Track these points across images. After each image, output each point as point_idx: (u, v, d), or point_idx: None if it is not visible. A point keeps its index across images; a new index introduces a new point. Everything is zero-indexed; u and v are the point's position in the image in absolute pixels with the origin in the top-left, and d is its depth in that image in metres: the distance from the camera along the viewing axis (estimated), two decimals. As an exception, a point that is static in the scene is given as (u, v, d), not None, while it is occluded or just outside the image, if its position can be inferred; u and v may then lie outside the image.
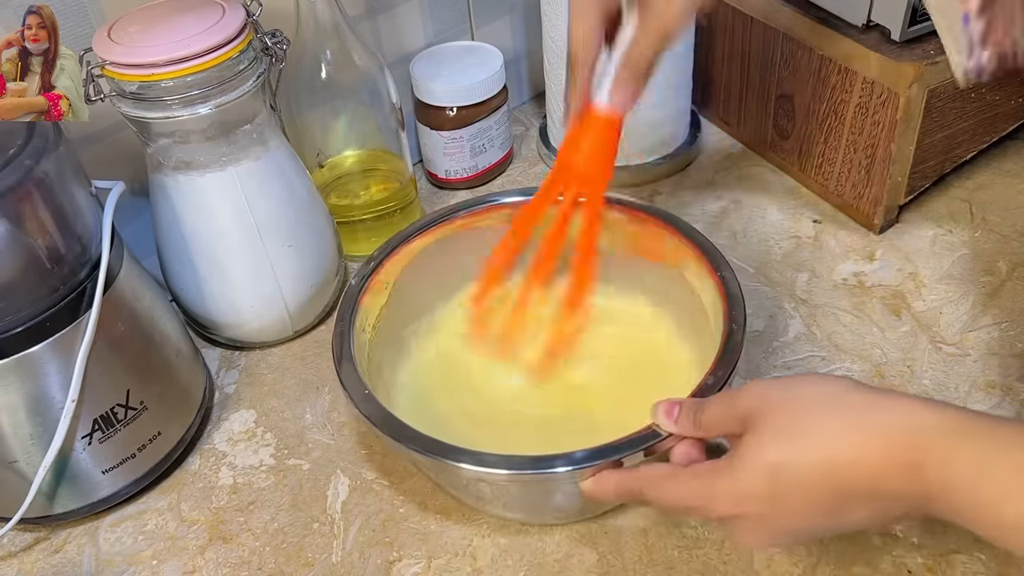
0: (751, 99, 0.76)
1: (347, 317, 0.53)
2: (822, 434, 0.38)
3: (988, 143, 0.71)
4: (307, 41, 0.62)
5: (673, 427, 0.43)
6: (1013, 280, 0.64)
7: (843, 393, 0.39)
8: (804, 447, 0.38)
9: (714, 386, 0.46)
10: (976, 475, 0.34)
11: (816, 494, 0.37)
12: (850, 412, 0.38)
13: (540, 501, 0.50)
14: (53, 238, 0.48)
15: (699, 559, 0.50)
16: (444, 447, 0.45)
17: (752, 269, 0.68)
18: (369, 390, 0.49)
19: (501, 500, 0.50)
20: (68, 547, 0.54)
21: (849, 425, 0.37)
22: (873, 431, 0.36)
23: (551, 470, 0.44)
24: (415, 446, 0.45)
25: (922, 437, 0.35)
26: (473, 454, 0.44)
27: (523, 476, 0.44)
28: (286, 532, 0.54)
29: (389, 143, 0.70)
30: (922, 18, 0.61)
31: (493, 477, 0.44)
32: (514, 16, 0.82)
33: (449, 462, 0.44)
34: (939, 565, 0.48)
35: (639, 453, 0.44)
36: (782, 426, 0.39)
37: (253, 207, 0.58)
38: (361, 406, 0.48)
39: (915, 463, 0.35)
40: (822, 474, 0.37)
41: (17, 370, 0.48)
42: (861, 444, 0.36)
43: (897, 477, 0.35)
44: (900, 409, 0.37)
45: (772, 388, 0.41)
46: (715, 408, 0.43)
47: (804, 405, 0.39)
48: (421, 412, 0.56)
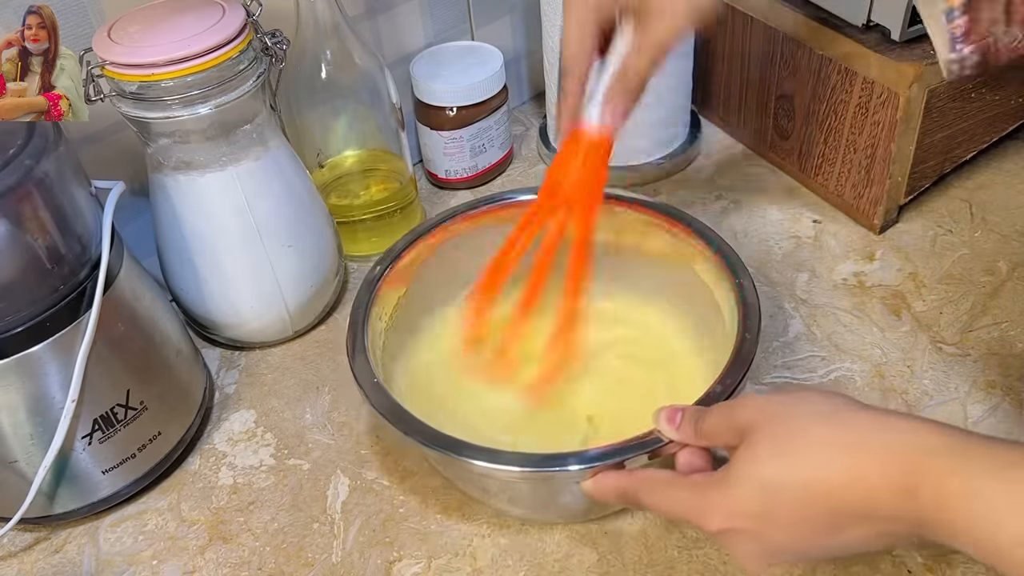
0: (751, 99, 0.76)
1: (363, 307, 0.53)
2: (818, 451, 0.37)
3: (988, 143, 0.71)
4: (307, 41, 0.62)
5: (674, 433, 0.43)
6: (1013, 280, 0.64)
7: (842, 411, 0.38)
8: (798, 463, 0.37)
9: (722, 394, 0.45)
10: (969, 496, 0.33)
11: (809, 512, 0.37)
12: (847, 431, 0.37)
13: (547, 499, 0.50)
14: (53, 238, 0.47)
15: (699, 559, 0.50)
16: (456, 443, 0.45)
17: (752, 269, 0.67)
18: (379, 379, 0.49)
19: (507, 494, 0.50)
20: (68, 547, 0.54)
21: (845, 444, 0.37)
22: (869, 451, 0.36)
23: (563, 468, 0.44)
24: (425, 440, 0.45)
25: (918, 458, 0.35)
26: (486, 451, 0.44)
27: (535, 474, 0.44)
28: (286, 532, 0.54)
29: (389, 143, 0.70)
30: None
31: (504, 474, 0.44)
32: (514, 16, 0.82)
33: (460, 458, 0.44)
34: (939, 565, 0.48)
35: (645, 456, 0.44)
36: (778, 440, 0.38)
37: (253, 207, 0.58)
38: (372, 397, 0.48)
39: (910, 486, 0.34)
40: (815, 493, 0.36)
41: (17, 370, 0.48)
42: (856, 464, 0.36)
43: (891, 499, 0.35)
44: (898, 428, 0.36)
45: (771, 402, 0.40)
46: (715, 417, 0.42)
47: (802, 421, 0.38)
48: (429, 405, 0.55)
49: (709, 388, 0.46)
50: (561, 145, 0.52)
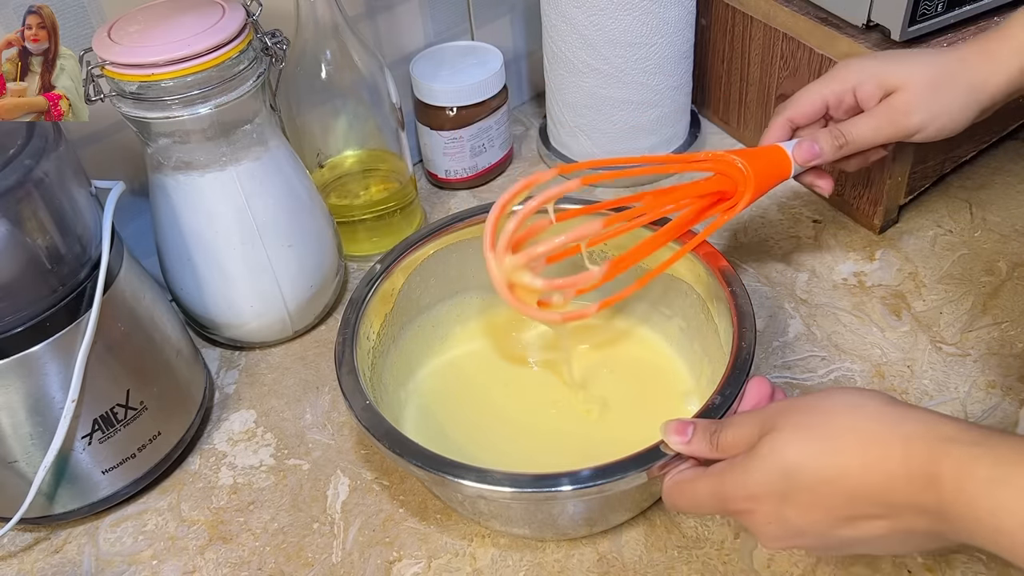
0: (751, 99, 0.76)
1: (351, 324, 0.53)
2: (840, 438, 0.37)
3: (988, 143, 0.71)
4: (307, 41, 0.62)
5: (685, 447, 0.43)
6: (1013, 280, 0.64)
7: (869, 404, 0.38)
8: (820, 449, 0.38)
9: (721, 406, 0.45)
10: (996, 482, 0.33)
11: (826, 494, 0.37)
12: (870, 420, 0.37)
13: (542, 519, 0.49)
14: (53, 238, 0.47)
15: (699, 559, 0.50)
16: (445, 462, 0.44)
17: (752, 269, 0.68)
18: (370, 400, 0.48)
19: (500, 517, 0.50)
20: (68, 547, 0.54)
21: (868, 432, 0.37)
22: (892, 439, 0.36)
23: (554, 489, 0.43)
24: (415, 460, 0.44)
25: (941, 446, 0.35)
26: (475, 470, 0.43)
27: (525, 494, 0.43)
28: (286, 532, 0.54)
29: (389, 143, 0.70)
30: (922, 18, 0.61)
31: (494, 494, 0.43)
32: (514, 16, 0.82)
33: (450, 478, 0.44)
34: (939, 565, 0.48)
35: (643, 474, 0.43)
36: (803, 428, 0.39)
37: (253, 207, 0.58)
38: (361, 417, 0.47)
39: (931, 474, 0.34)
40: (833, 475, 0.37)
41: (17, 370, 0.48)
42: (877, 451, 0.36)
43: (910, 486, 0.35)
44: (921, 419, 0.37)
45: (798, 399, 0.41)
46: (737, 429, 0.42)
47: (828, 412, 0.39)
48: (425, 423, 0.56)
49: (708, 400, 0.45)
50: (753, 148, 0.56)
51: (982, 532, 0.33)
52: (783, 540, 0.40)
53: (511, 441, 0.54)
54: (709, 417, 0.44)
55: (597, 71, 0.71)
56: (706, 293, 0.54)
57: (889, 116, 0.53)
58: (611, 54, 0.70)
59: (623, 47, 0.70)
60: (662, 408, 0.54)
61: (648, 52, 0.70)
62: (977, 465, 0.33)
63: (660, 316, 0.59)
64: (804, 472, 0.38)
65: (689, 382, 0.56)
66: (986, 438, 0.34)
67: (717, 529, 0.51)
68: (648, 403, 0.55)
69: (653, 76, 0.72)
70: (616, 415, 0.55)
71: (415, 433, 0.51)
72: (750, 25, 0.72)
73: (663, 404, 0.55)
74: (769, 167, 0.54)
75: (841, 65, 0.56)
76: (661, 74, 0.72)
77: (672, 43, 0.71)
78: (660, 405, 0.55)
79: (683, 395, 0.55)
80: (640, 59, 0.70)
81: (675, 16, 0.70)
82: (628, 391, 0.57)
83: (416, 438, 0.46)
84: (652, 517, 0.52)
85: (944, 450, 0.35)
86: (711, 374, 0.53)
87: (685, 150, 0.78)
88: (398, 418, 0.55)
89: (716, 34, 0.77)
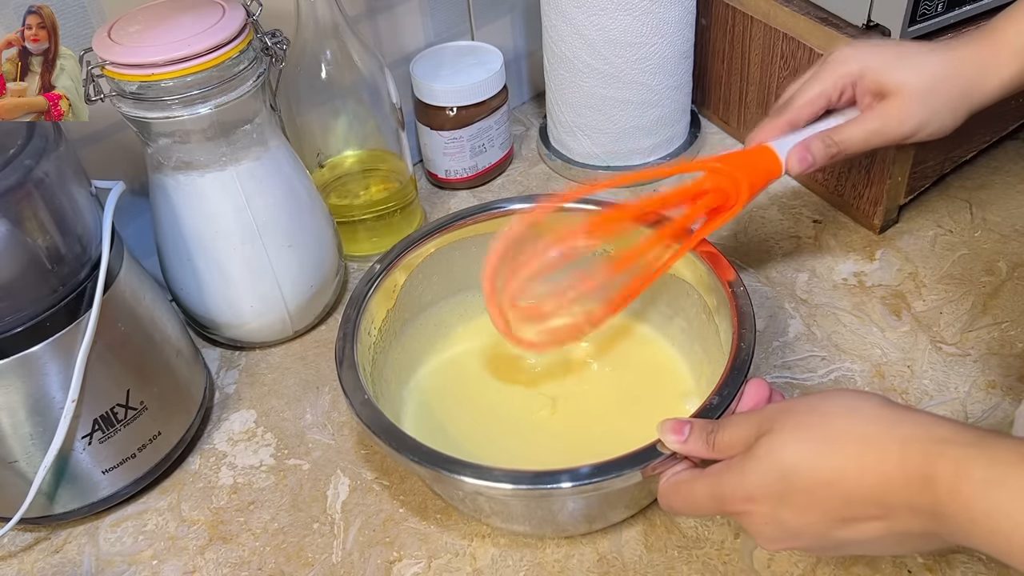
0: (751, 99, 0.76)
1: (352, 321, 0.53)
2: (837, 440, 0.37)
3: (988, 143, 0.71)
4: (307, 41, 0.62)
5: (682, 446, 0.43)
6: (1013, 280, 0.64)
7: (867, 406, 0.38)
8: (817, 451, 0.38)
9: (719, 406, 0.45)
10: (992, 483, 0.33)
11: (822, 496, 0.37)
12: (868, 422, 0.37)
13: (541, 516, 0.49)
14: (53, 238, 0.47)
15: (699, 559, 0.50)
16: (443, 458, 0.44)
17: (752, 269, 0.68)
18: (369, 396, 0.48)
19: (500, 514, 0.50)
20: (68, 547, 0.54)
21: (864, 434, 0.37)
22: (888, 441, 0.36)
23: (553, 485, 0.43)
24: (413, 456, 0.44)
25: (937, 447, 0.35)
26: (475, 467, 0.43)
27: (524, 491, 0.43)
28: (286, 532, 0.54)
29: (389, 143, 0.70)
30: (922, 18, 0.61)
31: (493, 491, 0.43)
32: (514, 16, 0.82)
33: (449, 474, 0.44)
34: (939, 565, 0.48)
35: (638, 472, 0.43)
36: (801, 429, 0.39)
37: (253, 207, 0.58)
38: (361, 413, 0.47)
39: (927, 475, 0.34)
40: (829, 477, 0.37)
41: (17, 370, 0.48)
42: (873, 453, 0.36)
43: (906, 488, 0.35)
44: (917, 422, 0.37)
45: (797, 400, 0.41)
46: (734, 429, 0.42)
47: (828, 413, 0.39)
48: (425, 420, 0.56)
49: (706, 400, 0.45)
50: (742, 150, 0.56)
51: (978, 533, 0.33)
52: (780, 541, 0.40)
53: (511, 438, 0.54)
54: (706, 417, 0.44)
55: (597, 71, 0.71)
56: (707, 293, 0.54)
57: (883, 123, 0.53)
58: (611, 54, 0.70)
59: (623, 47, 0.70)
60: (662, 407, 0.54)
61: (648, 52, 0.70)
62: (973, 466, 0.33)
63: (661, 316, 0.59)
64: (801, 474, 0.37)
65: (689, 382, 0.56)
66: (981, 439, 0.34)
67: (717, 529, 0.51)
68: (648, 402, 0.55)
69: (653, 76, 0.72)
70: (616, 414, 0.55)
71: (415, 430, 0.51)
72: (750, 25, 0.72)
73: (663, 403, 0.55)
74: (757, 174, 0.54)
75: (838, 60, 0.55)
76: (661, 74, 0.72)
77: (672, 43, 0.71)
78: (660, 404, 0.55)
79: (683, 395, 0.55)
80: (640, 59, 0.70)
81: (675, 16, 0.70)
82: (629, 390, 0.57)
83: (416, 435, 0.46)
84: (652, 517, 0.52)
85: (940, 452, 0.35)
86: (711, 374, 0.53)
87: (685, 150, 0.78)
88: (398, 415, 0.55)
89: (716, 34, 0.77)
